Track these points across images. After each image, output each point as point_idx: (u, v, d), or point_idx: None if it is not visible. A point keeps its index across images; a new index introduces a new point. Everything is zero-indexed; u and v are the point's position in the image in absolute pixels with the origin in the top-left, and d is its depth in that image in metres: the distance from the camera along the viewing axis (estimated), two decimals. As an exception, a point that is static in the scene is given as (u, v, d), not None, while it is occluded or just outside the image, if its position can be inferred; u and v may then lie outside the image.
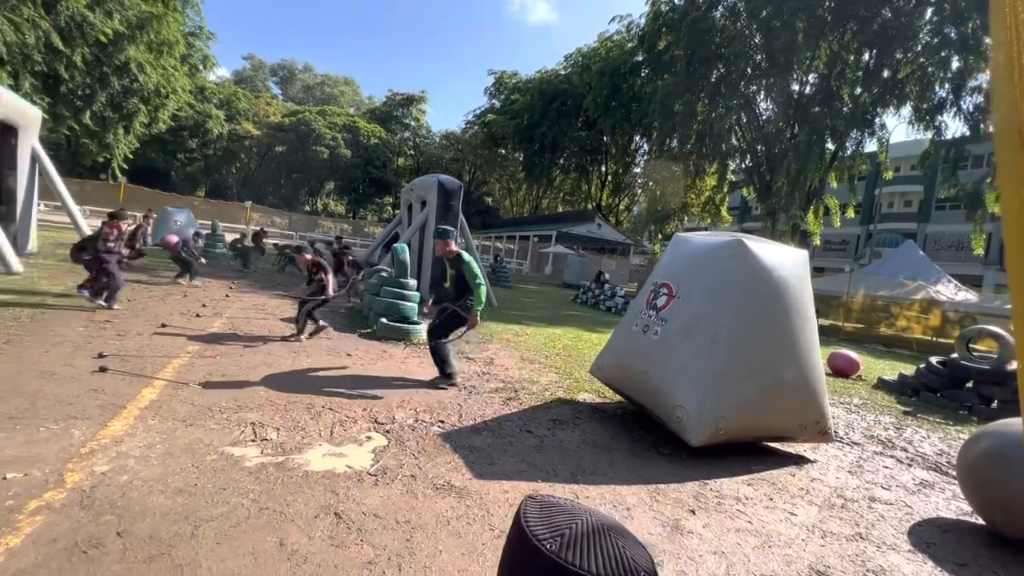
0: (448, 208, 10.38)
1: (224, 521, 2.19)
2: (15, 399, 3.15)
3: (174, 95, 31.03)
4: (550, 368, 6.07)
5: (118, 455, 2.64)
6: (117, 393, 3.48)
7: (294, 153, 45.57)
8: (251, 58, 68.52)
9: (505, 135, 42.40)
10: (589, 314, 13.32)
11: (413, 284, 7.12)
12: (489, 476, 2.99)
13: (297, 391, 4.05)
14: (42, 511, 2.09)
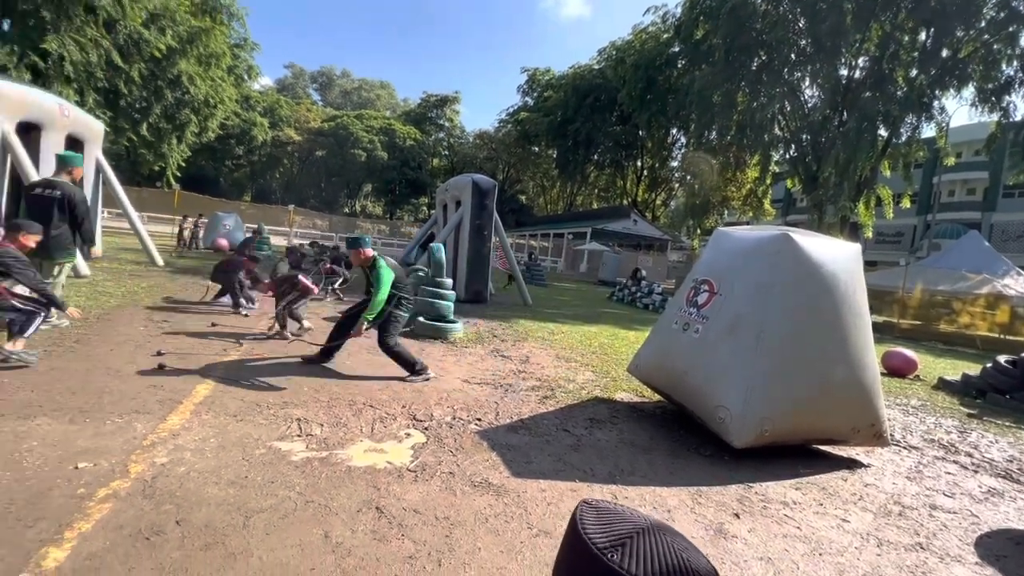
0: (482, 207, 10.45)
1: (273, 513, 2.28)
2: (85, 394, 3.38)
3: (222, 105, 32.50)
4: (586, 366, 6.01)
5: (176, 448, 2.79)
6: (174, 389, 3.69)
7: (333, 157, 46.99)
8: (292, 66, 71.11)
9: (538, 132, 42.29)
10: (626, 312, 13.13)
11: (449, 283, 7.20)
12: (526, 475, 2.99)
13: (339, 388, 4.17)
14: (110, 499, 2.24)
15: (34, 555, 1.83)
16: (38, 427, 2.84)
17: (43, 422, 2.91)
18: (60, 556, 1.84)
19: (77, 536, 1.96)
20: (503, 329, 7.85)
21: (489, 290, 11.27)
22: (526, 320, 9.13)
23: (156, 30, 25.30)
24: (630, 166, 42.51)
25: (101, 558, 1.86)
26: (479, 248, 10.37)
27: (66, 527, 2.01)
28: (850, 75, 20.13)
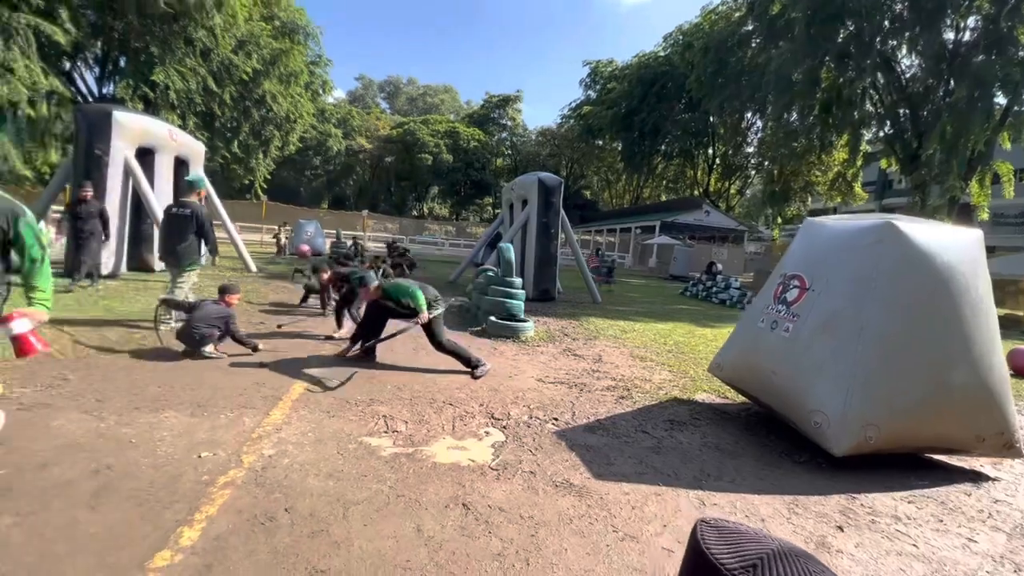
0: (549, 205, 10.43)
1: (368, 505, 2.42)
2: (201, 390, 3.77)
3: (301, 120, 34.87)
4: (662, 365, 5.83)
5: (279, 441, 3.04)
6: (274, 386, 4.01)
7: (402, 162, 48.93)
8: (362, 78, 74.84)
9: (602, 126, 41.48)
10: (700, 308, 12.57)
11: (519, 282, 7.26)
12: (608, 476, 2.95)
13: (418, 386, 4.34)
14: (228, 486, 2.48)
15: (172, 534, 2.07)
16: (166, 419, 3.20)
17: (170, 415, 3.27)
18: (193, 536, 2.07)
19: (205, 518, 2.19)
20: (573, 327, 7.80)
21: (557, 288, 11.23)
22: (596, 318, 9.01)
23: (244, 55, 27.59)
24: (700, 155, 40.61)
25: (225, 539, 2.07)
26: (546, 246, 10.36)
27: (195, 510, 2.25)
28: (958, 39, 17.90)
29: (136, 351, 4.63)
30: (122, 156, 8.85)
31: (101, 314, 5.93)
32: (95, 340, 4.82)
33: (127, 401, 3.44)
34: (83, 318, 5.63)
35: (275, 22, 31.30)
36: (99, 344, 4.70)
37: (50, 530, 2.03)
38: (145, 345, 4.84)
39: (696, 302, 14.21)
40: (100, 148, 8.60)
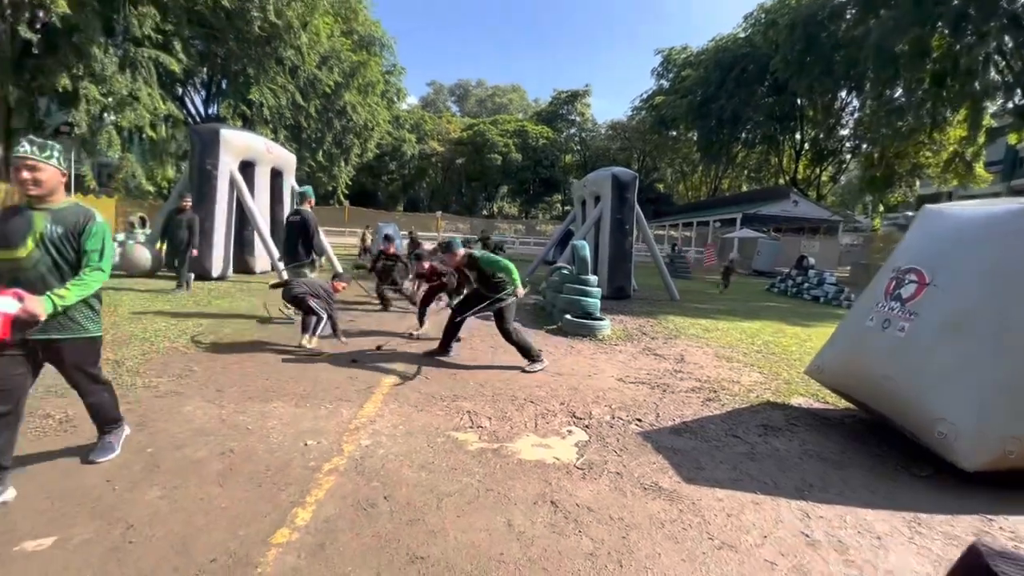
0: (623, 200, 10.19)
1: (460, 497, 2.50)
2: (304, 383, 4.09)
3: (377, 127, 36.64)
4: (751, 367, 5.50)
5: (374, 432, 3.22)
6: (366, 381, 4.26)
7: (472, 163, 49.96)
8: (433, 83, 77.27)
9: (676, 116, 39.77)
10: (790, 305, 11.70)
11: (595, 280, 7.16)
12: (699, 481, 2.83)
13: (499, 383, 4.41)
14: (332, 473, 2.67)
15: (288, 514, 2.26)
16: (275, 409, 3.50)
17: (278, 405, 3.58)
18: (306, 517, 2.25)
19: (315, 502, 2.37)
20: (652, 326, 7.56)
21: (632, 286, 10.95)
22: (675, 316, 8.68)
23: (326, 69, 29.49)
24: (786, 141, 37.73)
25: (334, 522, 2.23)
26: (621, 243, 10.14)
27: (306, 493, 2.44)
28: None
29: (246, 346, 5.11)
30: (228, 169, 9.80)
31: (215, 312, 6.61)
32: (212, 336, 5.38)
33: (241, 391, 3.80)
34: (201, 316, 6.31)
35: (354, 36, 33.19)
36: (216, 340, 5.25)
37: (190, 503, 2.29)
38: (253, 340, 5.33)
39: (785, 298, 13.25)
40: (210, 163, 9.58)
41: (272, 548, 2.02)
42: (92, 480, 2.44)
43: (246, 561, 1.93)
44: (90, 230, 2.29)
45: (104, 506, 2.23)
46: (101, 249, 2.30)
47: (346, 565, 1.95)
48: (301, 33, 25.53)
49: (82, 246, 2.27)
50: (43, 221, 2.22)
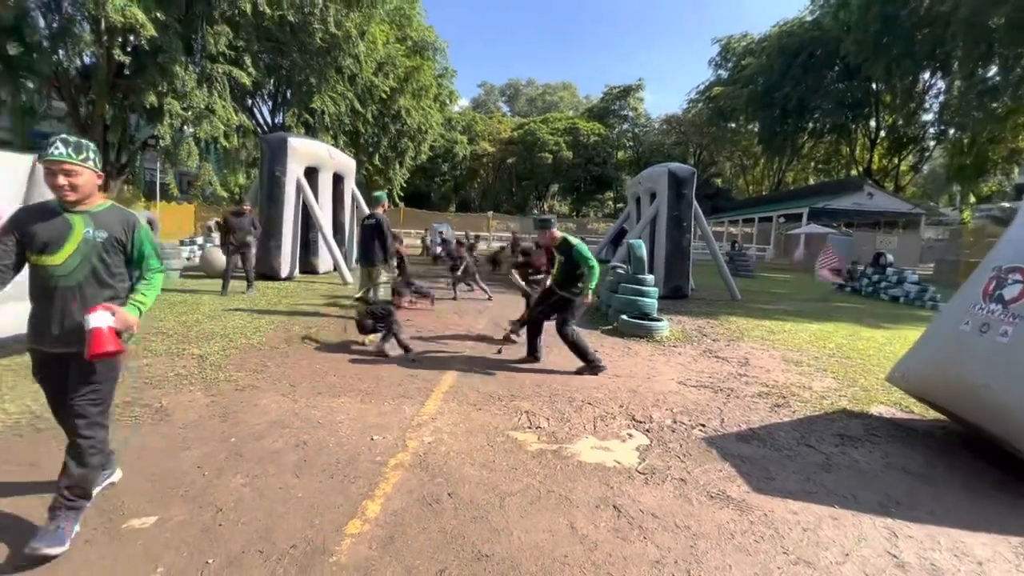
0: (680, 197, 9.86)
1: (522, 497, 2.52)
2: (368, 379, 4.26)
3: (431, 130, 37.47)
4: (823, 371, 5.17)
5: (436, 430, 3.30)
6: (426, 379, 4.37)
7: (523, 162, 50.06)
8: (483, 84, 78.19)
9: (735, 107, 38.06)
10: (865, 305, 10.90)
11: (651, 280, 6.99)
12: (770, 492, 2.70)
13: (556, 384, 4.40)
14: (398, 468, 2.76)
15: (358, 506, 2.36)
16: (343, 404, 3.67)
17: (345, 400, 3.75)
18: (376, 509, 2.34)
19: (383, 495, 2.47)
20: (712, 327, 7.28)
21: (690, 285, 10.58)
22: (737, 317, 8.31)
23: (382, 76, 30.52)
24: (859, 128, 35.15)
25: (401, 516, 2.30)
26: (678, 241, 9.82)
27: (374, 486, 2.54)
28: None
29: (313, 344, 5.38)
30: (295, 176, 10.35)
31: (285, 312, 7.01)
32: (283, 334, 5.71)
33: (311, 386, 4.01)
34: (272, 315, 6.71)
35: (408, 42, 34.12)
36: (286, 338, 5.56)
37: (270, 491, 2.45)
38: (320, 339, 5.60)
39: (859, 299, 12.36)
40: (279, 170, 10.16)
41: (346, 538, 2.11)
42: (184, 465, 2.66)
43: (323, 549, 2.04)
44: (139, 234, 2.17)
45: (196, 490, 2.43)
46: (155, 249, 2.24)
47: (415, 558, 2.02)
48: (359, 42, 26.54)
49: (138, 251, 2.17)
50: (83, 225, 2.03)
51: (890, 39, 24.29)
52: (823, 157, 41.11)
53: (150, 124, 22.05)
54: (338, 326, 6.28)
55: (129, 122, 22.69)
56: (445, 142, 47.26)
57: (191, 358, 4.55)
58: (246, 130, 25.39)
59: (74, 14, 18.97)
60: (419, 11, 34.96)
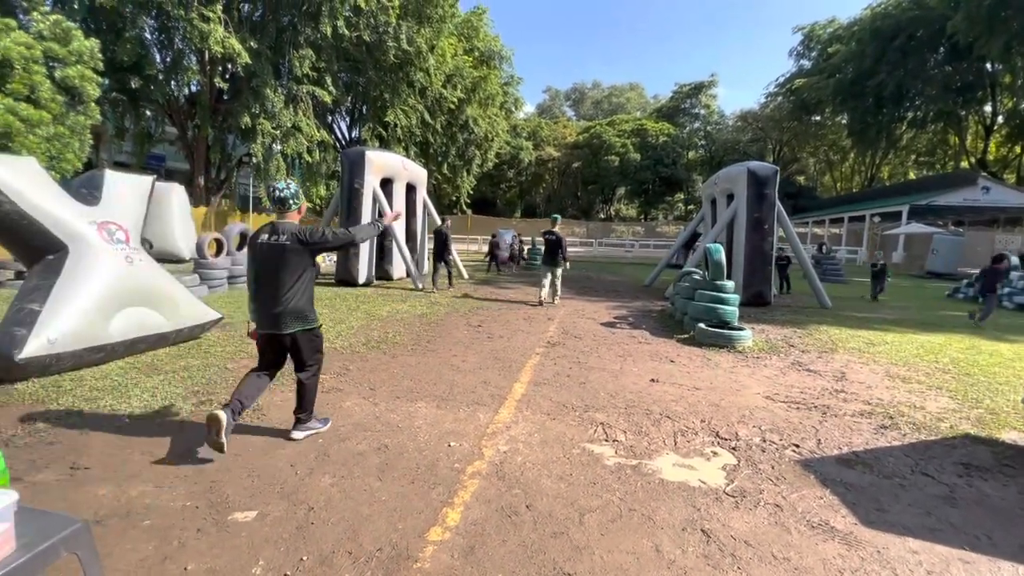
0: (761, 198, 9.27)
1: (602, 514, 2.43)
2: (441, 385, 4.34)
3: (497, 138, 38.09)
4: (938, 390, 4.61)
5: (511, 439, 3.29)
6: (498, 386, 4.39)
7: (588, 166, 49.51)
8: (549, 90, 78.24)
9: (821, 98, 35.41)
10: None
11: (731, 286, 6.60)
12: (883, 526, 2.42)
13: (631, 395, 4.25)
14: (475, 476, 2.77)
15: (439, 512, 2.39)
16: (419, 409, 3.76)
17: (422, 405, 3.84)
18: (455, 518, 2.35)
19: (462, 503, 2.48)
20: (800, 337, 6.75)
21: (773, 292, 9.90)
22: (829, 326, 7.64)
23: (451, 87, 31.48)
24: (971, 115, 31.44)
25: (481, 525, 2.30)
26: (758, 244, 9.23)
27: (453, 494, 2.56)
28: None
29: (390, 349, 5.59)
30: (372, 187, 10.87)
31: (363, 317, 7.35)
32: (362, 338, 5.98)
33: (390, 391, 4.15)
34: (352, 320, 7.06)
35: (475, 53, 34.95)
36: (365, 341, 5.82)
37: (356, 493, 2.54)
38: (396, 343, 5.81)
39: (974, 306, 10.96)
40: (358, 182, 10.72)
41: (428, 545, 2.14)
42: (279, 463, 2.83)
43: (406, 554, 2.07)
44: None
45: (290, 488, 2.57)
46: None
47: (496, 571, 2.00)
48: (429, 56, 27.57)
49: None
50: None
51: (1008, 12, 21.50)
52: (925, 148, 37.21)
53: (244, 143, 24.17)
54: (410, 333, 6.48)
55: (227, 142, 24.99)
56: (511, 149, 47.80)
57: (282, 360, 4.87)
58: (326, 145, 27.12)
59: (183, 48, 21.23)
60: (486, 21, 35.70)
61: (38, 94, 14.66)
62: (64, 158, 15.40)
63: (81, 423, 3.25)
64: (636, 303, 10.00)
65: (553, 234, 8.99)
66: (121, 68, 19.35)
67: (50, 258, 4.35)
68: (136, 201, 5.27)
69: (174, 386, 3.99)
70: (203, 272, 8.89)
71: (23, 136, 14.02)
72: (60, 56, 15.52)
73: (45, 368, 3.97)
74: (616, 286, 13.50)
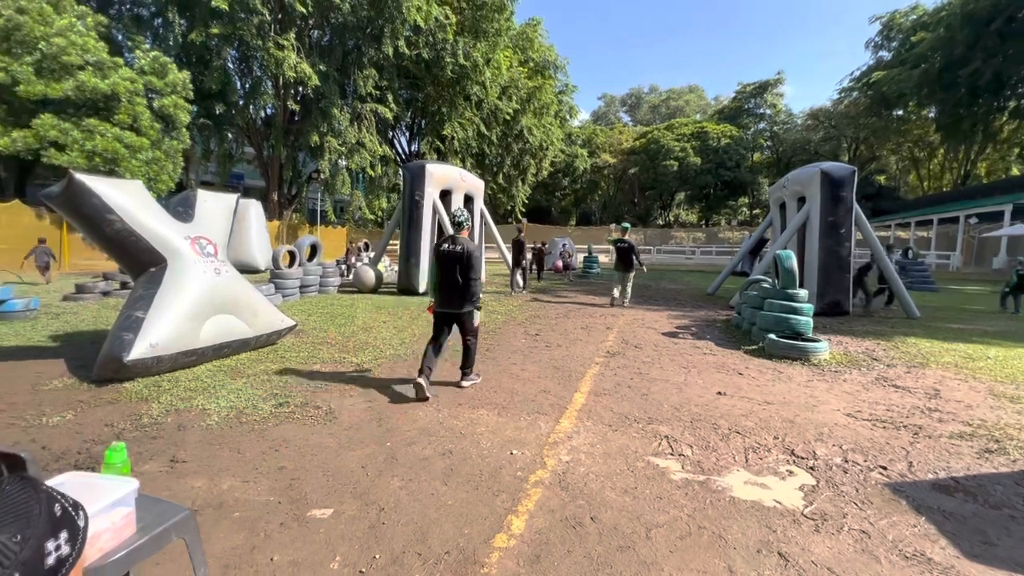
0: (837, 200, 8.70)
1: (669, 531, 2.36)
2: (502, 393, 4.39)
3: (551, 146, 38.17)
4: (1053, 411, 4.10)
5: (572, 449, 3.27)
6: (558, 395, 4.38)
7: (645, 172, 48.46)
8: (604, 96, 77.54)
9: (903, 91, 32.74)
10: (1107, 326, 8.49)
11: (804, 295, 6.22)
12: (991, 561, 2.18)
13: (697, 407, 4.10)
14: (538, 485, 2.77)
15: (503, 520, 2.41)
16: (482, 416, 3.82)
17: (483, 413, 3.90)
18: (520, 526, 2.37)
19: (526, 512, 2.49)
20: (884, 350, 6.24)
21: (851, 301, 9.22)
22: (918, 338, 7.01)
23: (506, 99, 31.97)
24: (1086, 101, 27.95)
25: (545, 535, 2.30)
26: (835, 249, 8.65)
27: (517, 502, 2.58)
28: None
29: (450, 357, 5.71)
30: (431, 198, 11.23)
31: (424, 325, 7.57)
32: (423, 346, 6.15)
33: (452, 398, 4.25)
34: (414, 328, 7.29)
35: (529, 63, 35.33)
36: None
37: (423, 496, 2.62)
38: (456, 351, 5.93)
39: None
40: (418, 194, 11.11)
41: (494, 551, 2.17)
42: (350, 464, 2.97)
43: (473, 559, 2.11)
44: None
45: (361, 488, 2.69)
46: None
47: (562, 582, 1.99)
48: (485, 69, 28.20)
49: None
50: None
51: None
52: (1031, 141, 33.40)
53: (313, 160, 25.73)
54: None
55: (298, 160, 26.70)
56: (565, 157, 47.70)
57: (351, 366, 5.13)
58: (387, 159, 28.33)
59: (261, 75, 22.97)
60: (540, 32, 36.02)
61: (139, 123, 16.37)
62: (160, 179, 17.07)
63: (177, 420, 3.57)
64: (699, 312, 9.65)
65: (625, 242, 9.96)
66: (208, 96, 21.25)
67: (152, 270, 4.84)
68: (223, 217, 5.74)
69: (256, 388, 4.29)
70: (278, 282, 9.53)
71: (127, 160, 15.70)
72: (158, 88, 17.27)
73: (147, 369, 4.40)
74: (677, 294, 13.10)
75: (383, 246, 13.68)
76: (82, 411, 3.70)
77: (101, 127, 15.11)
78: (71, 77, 14.86)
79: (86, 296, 9.14)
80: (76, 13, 16.09)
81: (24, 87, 14.15)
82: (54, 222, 15.74)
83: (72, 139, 14.55)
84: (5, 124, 14.37)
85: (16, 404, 3.82)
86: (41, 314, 7.50)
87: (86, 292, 9.23)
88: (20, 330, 6.44)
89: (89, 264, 16.52)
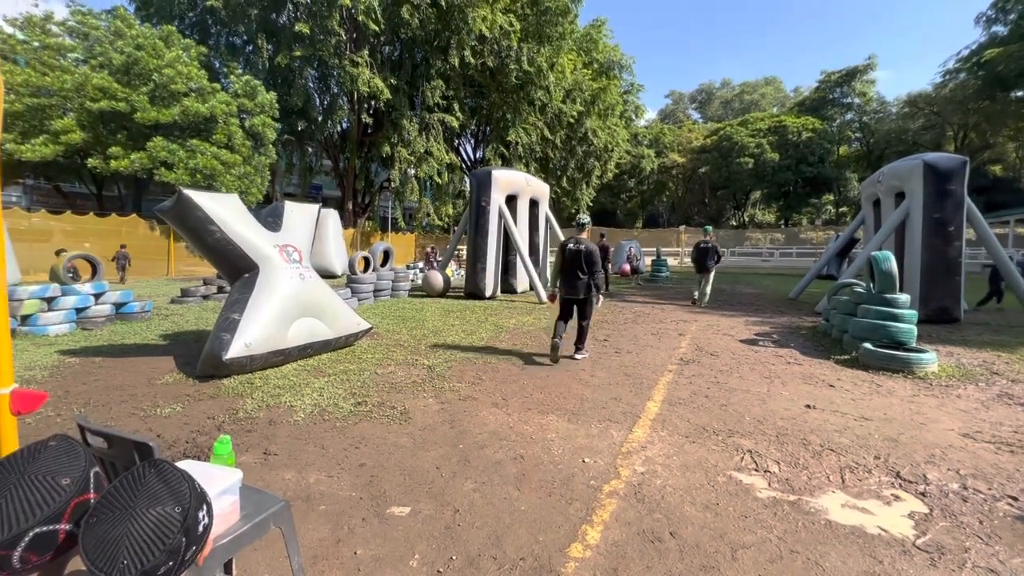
0: (943, 195, 7.81)
1: (758, 552, 2.20)
2: (571, 399, 4.33)
3: (617, 148, 37.44)
4: None
5: (647, 460, 3.15)
6: (630, 403, 4.25)
7: (717, 171, 46.24)
8: (672, 94, 74.98)
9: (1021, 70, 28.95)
10: None
11: (906, 300, 5.63)
12: None
13: (782, 421, 3.82)
14: (613, 496, 2.70)
15: (578, 529, 2.37)
16: (551, 422, 3.79)
17: (553, 419, 3.86)
18: (595, 536, 2.31)
19: (601, 523, 2.43)
20: (1007, 363, 5.50)
21: (963, 307, 8.23)
22: (1047, 350, 6.13)
23: (570, 102, 31.77)
24: None
25: (622, 548, 2.23)
26: (941, 250, 7.77)
27: (591, 511, 2.52)
28: None
29: (519, 360, 5.74)
30: (497, 204, 11.38)
31: (492, 329, 7.66)
32: (493, 350, 6.23)
33: (521, 402, 4.25)
34: (482, 331, 7.40)
35: (593, 65, 34.91)
36: (496, 353, 6.05)
37: (496, 500, 2.63)
38: (523, 353, 5.95)
39: None
40: (484, 200, 11.30)
41: (570, 561, 2.13)
42: (425, 464, 3.04)
43: (549, 567, 2.08)
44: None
45: (436, 488, 2.75)
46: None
47: (642, 599, 1.91)
48: (549, 74, 28.23)
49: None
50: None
51: None
52: None
53: (384, 170, 26.99)
54: (537, 345, 6.59)
55: (370, 170, 28.11)
56: (631, 158, 46.62)
57: (422, 368, 5.28)
58: (453, 166, 29.10)
59: (337, 92, 24.44)
60: (605, 32, 35.51)
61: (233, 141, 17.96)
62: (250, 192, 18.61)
63: (268, 415, 3.84)
64: (780, 318, 9.03)
65: (707, 243, 10.54)
66: (291, 113, 22.94)
67: (247, 276, 5.26)
68: (307, 226, 6.15)
69: (336, 388, 4.53)
70: (354, 286, 10.04)
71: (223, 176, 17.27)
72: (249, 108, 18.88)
73: (242, 368, 4.79)
74: (754, 299, 12.35)
75: (451, 251, 14.04)
76: (188, 404, 4.09)
77: (201, 146, 16.79)
78: (177, 103, 16.64)
79: (189, 299, 10.14)
80: (182, 46, 18.00)
81: (140, 114, 16.01)
82: (163, 233, 17.66)
83: (178, 158, 16.27)
84: (125, 147, 16.34)
85: (136, 395, 4.29)
86: (154, 315, 8.41)
87: (189, 296, 10.24)
88: (137, 329, 7.25)
89: (190, 270, 18.37)
